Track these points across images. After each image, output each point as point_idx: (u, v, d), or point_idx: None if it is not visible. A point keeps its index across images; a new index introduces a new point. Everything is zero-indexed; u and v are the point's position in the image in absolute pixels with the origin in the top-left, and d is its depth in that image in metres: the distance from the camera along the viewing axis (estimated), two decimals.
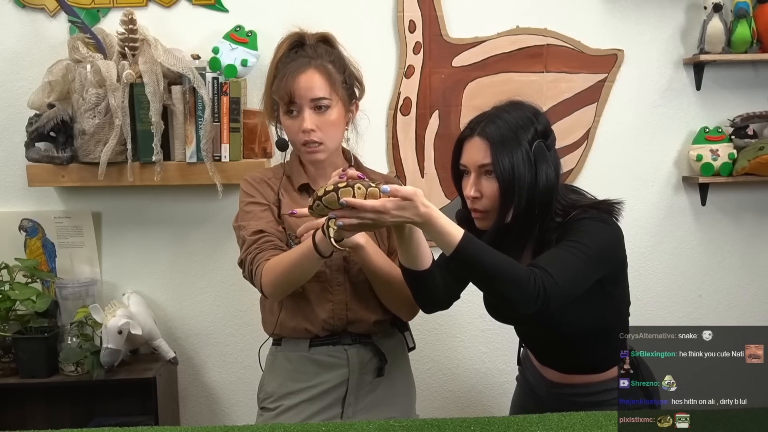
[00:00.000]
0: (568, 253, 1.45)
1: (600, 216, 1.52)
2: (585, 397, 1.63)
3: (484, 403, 2.61)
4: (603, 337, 1.56)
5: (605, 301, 1.56)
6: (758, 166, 2.40)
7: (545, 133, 1.54)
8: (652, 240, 2.58)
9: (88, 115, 2.25)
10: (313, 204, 1.40)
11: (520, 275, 1.38)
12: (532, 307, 1.38)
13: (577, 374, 1.65)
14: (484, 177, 1.52)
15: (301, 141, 1.64)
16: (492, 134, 1.50)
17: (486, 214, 1.54)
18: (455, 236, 1.37)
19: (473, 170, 1.53)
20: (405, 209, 1.34)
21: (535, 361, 1.75)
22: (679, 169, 2.57)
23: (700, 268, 2.62)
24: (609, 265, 1.53)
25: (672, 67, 2.51)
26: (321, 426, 1.49)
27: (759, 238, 2.62)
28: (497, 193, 1.50)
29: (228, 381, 2.59)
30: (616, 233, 1.54)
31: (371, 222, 1.36)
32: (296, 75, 1.62)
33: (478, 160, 1.52)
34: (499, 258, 1.40)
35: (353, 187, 1.35)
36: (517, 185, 1.48)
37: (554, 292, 1.39)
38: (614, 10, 2.48)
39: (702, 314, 2.62)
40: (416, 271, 1.50)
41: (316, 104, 1.63)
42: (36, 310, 2.30)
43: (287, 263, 1.57)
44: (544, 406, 1.70)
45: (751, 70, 2.53)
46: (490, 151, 1.50)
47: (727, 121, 2.51)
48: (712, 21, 2.40)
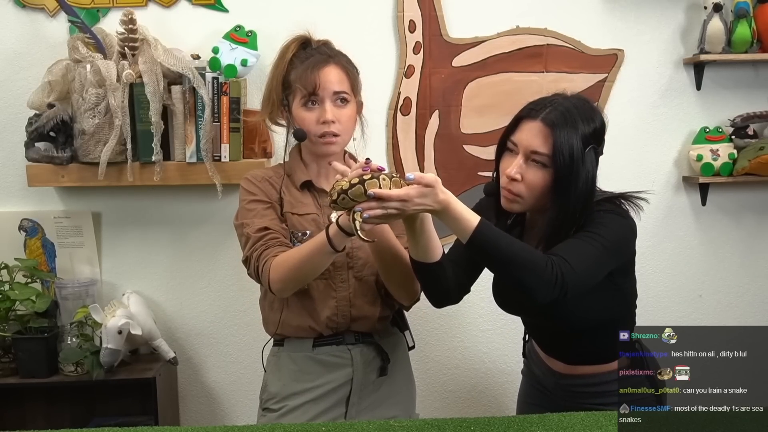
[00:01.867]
0: (584, 243, 1.46)
1: (615, 209, 1.54)
2: (592, 387, 1.64)
3: (484, 403, 2.61)
4: (611, 329, 1.56)
5: (615, 294, 1.58)
6: (758, 166, 2.40)
7: (600, 137, 1.55)
8: (652, 240, 2.57)
9: (88, 115, 2.25)
10: (337, 198, 1.41)
11: (538, 261, 1.39)
12: (550, 294, 1.39)
13: (584, 365, 1.66)
14: (531, 164, 1.51)
15: (319, 132, 1.66)
16: (557, 123, 1.48)
17: (516, 199, 1.54)
18: (472, 222, 1.38)
19: (523, 152, 1.52)
20: (426, 196, 1.37)
21: (541, 353, 1.75)
22: (679, 169, 2.56)
23: (700, 268, 2.62)
24: (622, 256, 1.55)
25: (672, 67, 2.51)
26: (321, 426, 1.49)
27: (759, 238, 2.62)
28: (540, 183, 1.50)
29: (228, 381, 2.59)
30: (631, 226, 1.55)
31: (396, 212, 1.38)
32: (320, 67, 1.65)
33: (534, 146, 1.50)
34: (516, 244, 1.41)
35: (378, 178, 1.38)
36: (573, 180, 1.48)
37: (572, 279, 1.40)
38: (614, 10, 2.48)
39: (702, 314, 2.62)
40: (427, 263, 1.51)
41: (338, 97, 1.67)
42: (36, 310, 2.30)
43: (298, 258, 1.57)
44: (551, 398, 1.71)
45: (751, 70, 2.53)
46: (551, 141, 1.48)
47: (727, 121, 2.51)
48: (712, 21, 2.40)
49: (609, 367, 1.64)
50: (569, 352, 1.67)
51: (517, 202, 1.54)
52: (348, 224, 1.44)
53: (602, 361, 1.64)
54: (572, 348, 1.66)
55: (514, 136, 1.55)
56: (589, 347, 1.64)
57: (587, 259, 1.44)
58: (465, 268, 1.59)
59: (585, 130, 1.50)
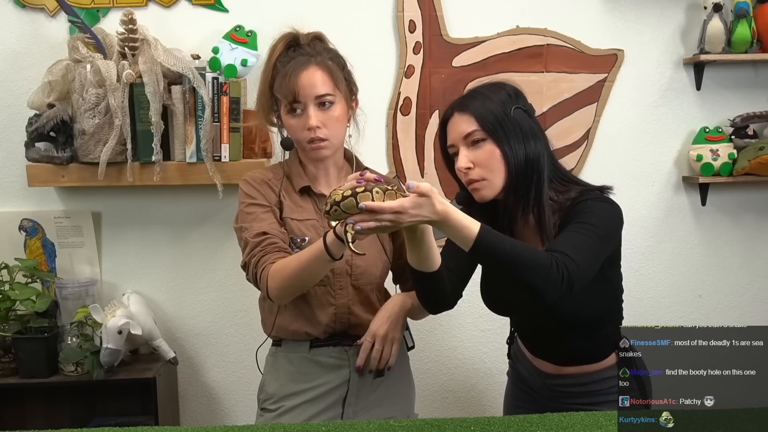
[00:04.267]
0: (580, 235, 1.46)
1: (602, 197, 1.55)
2: (579, 387, 1.64)
3: (484, 403, 2.61)
4: (599, 325, 1.59)
5: (606, 287, 1.58)
6: (758, 166, 2.40)
7: (519, 99, 1.58)
8: (652, 240, 2.57)
9: (88, 115, 2.25)
10: (330, 209, 1.37)
11: (542, 261, 1.38)
12: (558, 291, 1.39)
13: (572, 365, 1.66)
14: (471, 147, 1.54)
15: (306, 139, 1.64)
16: (472, 105, 1.55)
17: (483, 183, 1.54)
18: (473, 230, 1.37)
19: (461, 144, 1.55)
20: (422, 207, 1.33)
21: (528, 354, 1.75)
22: (679, 169, 2.56)
23: (700, 268, 2.62)
24: (613, 243, 1.55)
25: (672, 67, 2.51)
26: (321, 426, 1.49)
27: (759, 238, 2.62)
28: (489, 157, 1.52)
29: (228, 381, 2.59)
30: (618, 213, 1.56)
31: (390, 224, 1.35)
32: (298, 73, 1.61)
33: (464, 131, 1.54)
34: (519, 246, 1.40)
35: (371, 191, 1.34)
36: (514, 136, 1.51)
37: (577, 274, 1.40)
38: (614, 10, 2.48)
39: (702, 314, 2.62)
40: (426, 273, 1.50)
41: (321, 101, 1.63)
42: (36, 310, 2.30)
43: (295, 266, 1.55)
44: (537, 399, 1.71)
45: (751, 70, 2.53)
46: (473, 115, 1.53)
47: (727, 121, 2.51)
48: (712, 21, 2.40)
49: (595, 367, 1.64)
50: (558, 351, 1.67)
51: (485, 186, 1.54)
52: (341, 236, 1.42)
53: (590, 360, 1.64)
54: (561, 347, 1.66)
55: (448, 141, 1.59)
56: (579, 345, 1.63)
57: (586, 251, 1.44)
58: (458, 274, 1.59)
59: (497, 97, 1.55)
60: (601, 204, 1.53)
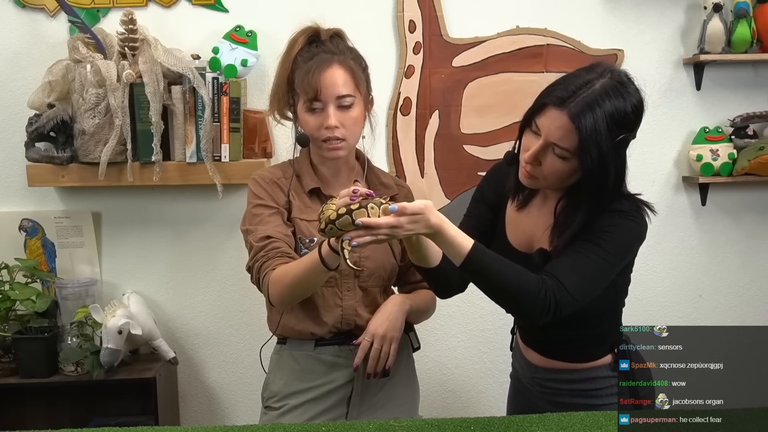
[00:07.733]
0: (586, 258, 1.42)
1: (631, 212, 1.48)
2: (567, 384, 1.63)
3: (484, 403, 2.61)
4: (592, 324, 1.56)
5: (607, 291, 1.56)
6: (758, 166, 2.40)
7: (633, 123, 1.46)
8: (652, 240, 2.55)
9: (88, 115, 2.25)
10: (325, 227, 1.38)
11: (530, 288, 1.37)
12: (542, 318, 1.38)
13: (559, 360, 1.64)
14: (551, 152, 1.43)
15: (322, 137, 1.62)
16: (583, 121, 1.38)
17: (534, 180, 1.49)
18: (465, 247, 1.36)
19: (544, 140, 1.42)
20: (418, 222, 1.34)
21: (521, 342, 1.74)
22: (679, 169, 2.57)
23: (700, 268, 2.62)
24: (626, 261, 1.53)
25: (672, 67, 2.51)
26: (321, 426, 1.49)
27: (759, 238, 2.62)
28: (558, 173, 1.44)
29: (228, 381, 2.59)
30: (640, 233, 1.50)
31: (385, 237, 1.36)
32: (321, 70, 1.60)
33: (555, 139, 1.41)
34: (508, 270, 1.39)
35: (366, 207, 1.34)
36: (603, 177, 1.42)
37: (566, 303, 1.38)
38: (614, 10, 2.48)
39: (702, 314, 2.62)
40: (427, 268, 1.50)
41: (341, 101, 1.61)
42: (36, 310, 2.30)
43: (294, 276, 1.55)
44: (529, 398, 1.70)
45: (751, 70, 2.53)
46: (576, 138, 1.38)
47: (727, 121, 2.51)
48: (712, 21, 2.40)
49: (585, 365, 1.62)
50: (546, 341, 1.65)
51: (534, 183, 1.50)
52: (337, 247, 1.41)
53: (580, 357, 1.62)
54: (549, 337, 1.63)
55: (538, 119, 1.44)
56: (568, 339, 1.60)
57: (587, 277, 1.41)
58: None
59: (615, 118, 1.40)
60: (625, 222, 1.47)
